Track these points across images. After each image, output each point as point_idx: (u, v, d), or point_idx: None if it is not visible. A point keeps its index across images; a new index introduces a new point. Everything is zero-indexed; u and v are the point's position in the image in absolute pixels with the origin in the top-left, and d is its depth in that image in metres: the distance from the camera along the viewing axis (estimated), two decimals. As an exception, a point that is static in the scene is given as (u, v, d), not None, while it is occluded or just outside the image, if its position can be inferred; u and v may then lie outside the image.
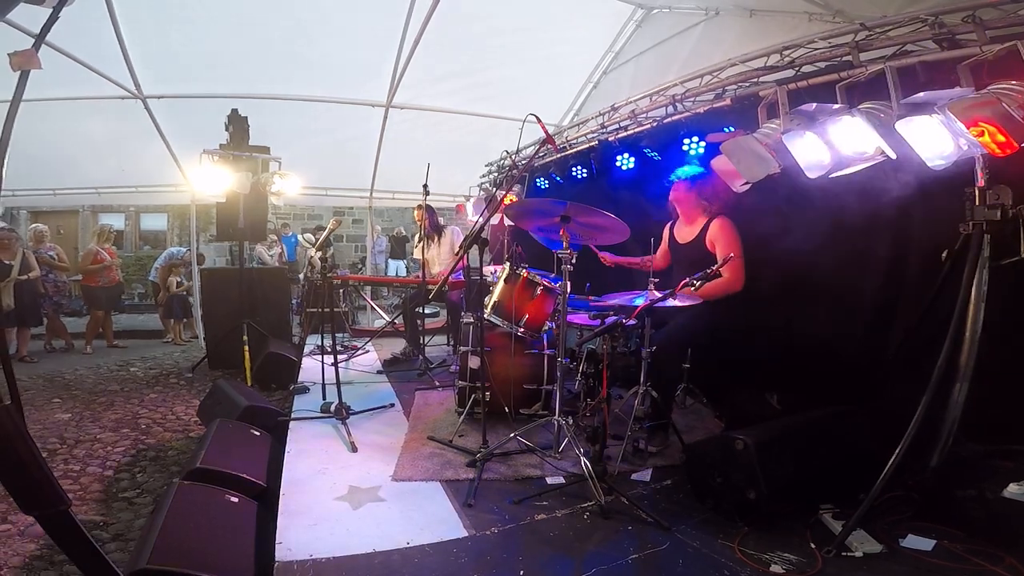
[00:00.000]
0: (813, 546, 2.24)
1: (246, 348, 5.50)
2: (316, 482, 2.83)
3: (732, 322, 3.31)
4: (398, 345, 5.76)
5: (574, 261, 2.94)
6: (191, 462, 2.77)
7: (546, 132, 3.06)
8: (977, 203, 2.44)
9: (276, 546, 2.22)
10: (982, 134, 2.22)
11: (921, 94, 2.35)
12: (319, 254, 3.95)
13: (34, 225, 8.24)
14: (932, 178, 2.46)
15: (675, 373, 3.51)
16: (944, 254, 2.59)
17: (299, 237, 11.20)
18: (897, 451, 2.27)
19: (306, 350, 5.80)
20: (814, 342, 3.28)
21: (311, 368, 4.63)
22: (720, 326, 3.29)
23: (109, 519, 2.95)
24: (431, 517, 2.51)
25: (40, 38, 1.69)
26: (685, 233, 3.51)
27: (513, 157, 4.74)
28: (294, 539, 2.28)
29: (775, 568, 2.12)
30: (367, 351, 5.89)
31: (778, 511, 2.39)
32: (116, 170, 7.42)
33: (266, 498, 2.68)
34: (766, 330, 3.48)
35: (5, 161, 1.62)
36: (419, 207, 5.45)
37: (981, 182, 2.43)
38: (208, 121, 6.10)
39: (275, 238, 10.09)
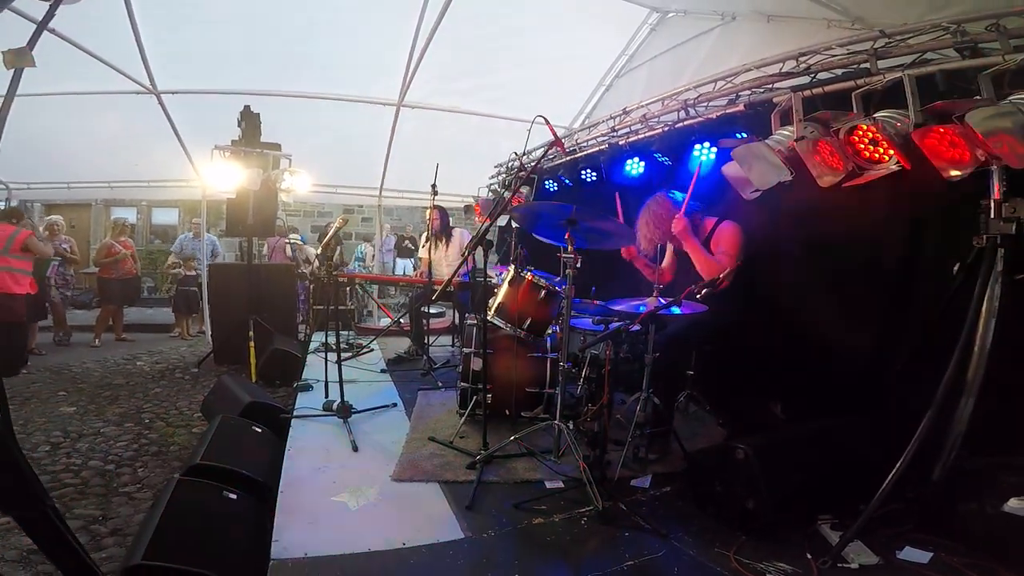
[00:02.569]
0: (809, 557, 2.21)
1: (252, 344, 5.52)
2: (315, 480, 2.82)
3: (737, 329, 3.27)
4: (403, 344, 5.75)
5: (578, 265, 2.91)
6: (191, 458, 2.77)
7: (554, 134, 3.04)
8: (992, 216, 2.38)
9: (272, 544, 2.21)
10: (1002, 146, 2.18)
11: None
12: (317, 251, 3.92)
13: (49, 217, 8.33)
14: (947, 189, 2.41)
15: (678, 379, 3.47)
16: (956, 267, 2.54)
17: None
18: (898, 464, 2.22)
19: (311, 347, 5.81)
20: (820, 351, 3.23)
21: (316, 365, 4.63)
22: (725, 333, 3.25)
23: (108, 514, 2.95)
24: (429, 518, 2.49)
25: (36, 36, 1.70)
26: None
27: (521, 159, 4.71)
28: (290, 537, 2.27)
29: (770, 579, 2.09)
30: (372, 350, 5.88)
31: (778, 521, 2.36)
32: (129, 164, 7.49)
33: (265, 495, 2.67)
34: (772, 338, 3.44)
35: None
36: (432, 207, 5.44)
37: (997, 194, 2.37)
38: (220, 117, 6.15)
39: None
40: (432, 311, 5.57)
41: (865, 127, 2.54)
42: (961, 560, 2.16)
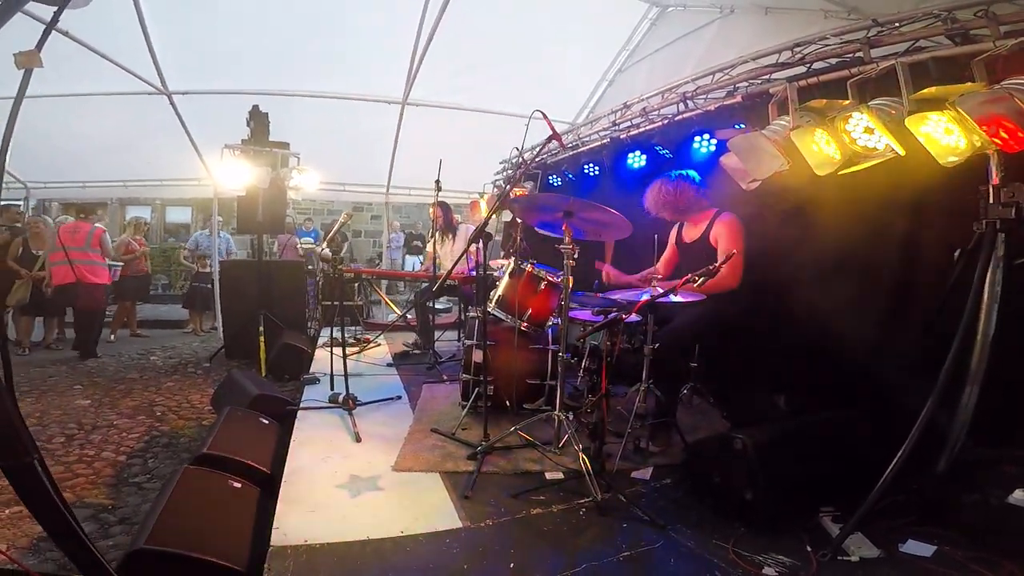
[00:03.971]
0: (809, 549, 2.20)
1: (262, 339, 5.60)
2: (318, 470, 2.87)
3: (740, 322, 3.27)
4: (410, 339, 5.81)
5: (576, 256, 2.93)
6: (199, 448, 2.83)
7: (552, 128, 3.05)
8: (991, 201, 2.36)
9: (273, 531, 2.26)
10: (996, 130, 2.17)
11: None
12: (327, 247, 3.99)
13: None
14: (945, 175, 2.40)
15: (680, 371, 3.48)
16: (956, 253, 2.52)
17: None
18: (898, 455, 2.21)
19: (320, 342, 5.89)
20: (823, 343, 3.21)
21: (324, 359, 4.70)
22: (728, 325, 3.25)
23: (117, 503, 3.02)
24: (428, 507, 2.53)
25: (43, 37, 1.76)
26: (692, 233, 3.49)
27: (522, 154, 4.74)
28: (291, 524, 2.32)
29: (767, 570, 2.09)
30: (379, 344, 5.95)
31: (777, 513, 2.35)
32: (142, 164, 7.64)
33: (269, 484, 2.73)
34: (775, 331, 3.43)
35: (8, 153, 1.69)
36: (434, 204, 5.48)
37: (996, 179, 2.36)
38: (230, 117, 6.23)
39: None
40: (438, 306, 5.62)
41: (860, 115, 2.53)
42: (965, 553, 2.13)
